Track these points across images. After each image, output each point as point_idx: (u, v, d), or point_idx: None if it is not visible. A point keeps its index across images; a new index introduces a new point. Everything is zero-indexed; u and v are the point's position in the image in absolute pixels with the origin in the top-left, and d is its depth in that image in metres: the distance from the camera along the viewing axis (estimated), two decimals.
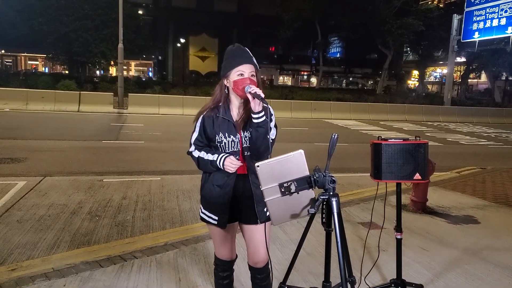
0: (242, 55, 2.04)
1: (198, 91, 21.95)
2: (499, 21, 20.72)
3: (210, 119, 2.07)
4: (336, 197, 1.81)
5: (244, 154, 2.05)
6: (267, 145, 1.96)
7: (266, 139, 1.93)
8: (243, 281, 2.94)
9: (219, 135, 2.05)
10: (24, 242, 3.55)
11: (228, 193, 2.06)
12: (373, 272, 3.07)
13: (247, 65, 2.01)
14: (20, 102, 15.67)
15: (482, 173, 7.47)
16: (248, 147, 2.04)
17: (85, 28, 23.78)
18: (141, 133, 11.22)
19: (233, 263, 2.32)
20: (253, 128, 1.96)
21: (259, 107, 1.92)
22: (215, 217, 2.12)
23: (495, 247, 3.85)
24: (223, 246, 2.23)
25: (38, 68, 42.04)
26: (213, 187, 2.09)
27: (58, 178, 5.84)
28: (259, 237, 2.11)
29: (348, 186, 6.09)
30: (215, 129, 2.06)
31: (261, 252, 2.14)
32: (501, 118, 21.65)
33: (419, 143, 2.59)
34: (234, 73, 2.01)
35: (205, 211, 2.17)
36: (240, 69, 2.00)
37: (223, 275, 2.30)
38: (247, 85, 1.95)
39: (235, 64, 2.01)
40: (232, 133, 2.04)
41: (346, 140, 11.47)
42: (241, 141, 2.05)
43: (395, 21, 27.16)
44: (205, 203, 2.16)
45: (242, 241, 2.42)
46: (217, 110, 2.09)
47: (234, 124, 2.05)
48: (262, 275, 2.22)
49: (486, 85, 40.44)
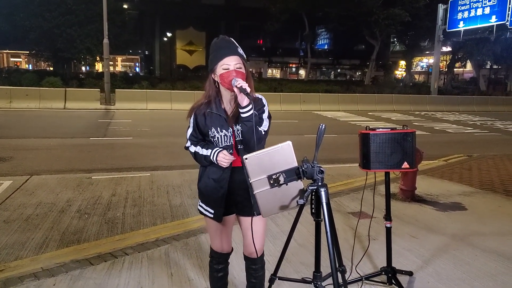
0: (226, 47, 1.99)
1: (186, 85, 21.79)
2: (483, 10, 20.98)
3: (202, 115, 2.06)
4: (325, 188, 1.82)
5: (238, 148, 2.04)
6: (258, 137, 1.95)
7: (256, 132, 1.92)
8: (236, 273, 2.94)
9: (211, 130, 2.04)
10: (11, 242, 3.50)
11: (223, 187, 2.05)
12: (363, 261, 3.10)
13: (232, 57, 1.97)
14: (3, 100, 15.36)
15: (469, 161, 7.60)
16: (241, 140, 2.03)
17: (68, 23, 23.31)
18: (129, 129, 11.11)
19: (228, 256, 2.32)
20: (242, 123, 1.95)
21: (245, 101, 1.90)
22: (211, 210, 2.13)
23: (481, 233, 3.93)
24: (219, 239, 2.24)
25: (21, 65, 41.12)
26: (209, 181, 2.09)
27: (45, 177, 5.75)
28: (256, 228, 2.12)
29: (338, 177, 6.13)
30: (207, 124, 2.04)
31: (257, 242, 2.16)
32: (486, 106, 22.02)
33: (407, 132, 2.61)
34: (220, 67, 1.97)
35: (202, 204, 2.18)
36: (225, 62, 1.97)
37: (218, 268, 2.30)
38: (234, 78, 1.92)
39: (219, 58, 1.98)
40: (224, 127, 2.03)
41: (335, 131, 11.53)
42: (234, 135, 2.04)
43: (382, 12, 27.26)
44: (202, 196, 2.17)
45: (234, 235, 2.42)
46: (208, 105, 2.07)
47: (226, 119, 2.03)
48: (257, 265, 2.23)
49: (471, 74, 40.97)
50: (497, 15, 20.27)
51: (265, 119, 2.06)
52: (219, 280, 2.33)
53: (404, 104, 20.72)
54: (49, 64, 30.79)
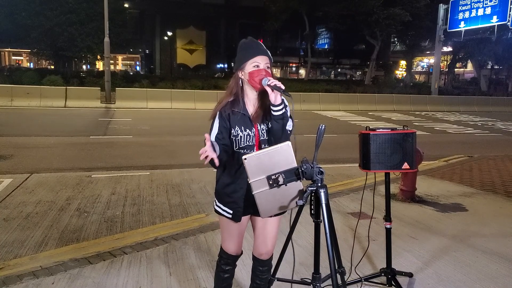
0: (256, 47, 2.02)
1: (187, 84, 21.77)
2: (484, 11, 20.95)
3: (226, 114, 2.04)
4: (324, 188, 1.81)
5: (262, 147, 2.01)
6: (286, 137, 1.96)
7: (285, 130, 1.93)
8: (237, 270, 2.93)
9: (234, 129, 2.02)
10: (11, 241, 3.49)
11: (243, 187, 2.03)
12: (363, 262, 3.09)
13: (262, 57, 1.99)
14: (5, 99, 15.36)
15: (469, 161, 7.58)
16: (265, 139, 2.02)
17: (70, 22, 23.33)
18: (130, 128, 11.10)
19: (237, 258, 2.30)
20: (274, 121, 1.94)
21: (279, 99, 1.90)
22: (229, 211, 2.10)
23: (482, 234, 3.91)
24: (232, 240, 2.22)
25: (22, 63, 41.14)
26: (228, 181, 2.07)
27: (45, 175, 5.74)
28: (269, 229, 2.13)
29: (338, 177, 6.12)
30: (231, 123, 2.02)
31: (268, 244, 2.16)
32: (487, 106, 21.98)
33: (407, 133, 2.60)
34: (250, 64, 1.99)
35: (220, 205, 2.14)
36: (256, 60, 1.98)
37: (225, 269, 2.28)
38: (264, 76, 1.93)
39: (250, 56, 1.99)
40: (248, 126, 2.01)
41: (335, 131, 11.52)
42: (258, 135, 2.03)
43: (382, 12, 27.23)
44: (220, 197, 2.13)
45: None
46: (232, 104, 2.05)
47: (250, 118, 2.02)
48: (264, 267, 2.24)
49: (472, 74, 40.91)
50: (498, 15, 20.25)
51: (289, 119, 2.05)
52: (224, 281, 2.32)
53: (404, 104, 20.69)
54: (50, 63, 30.80)
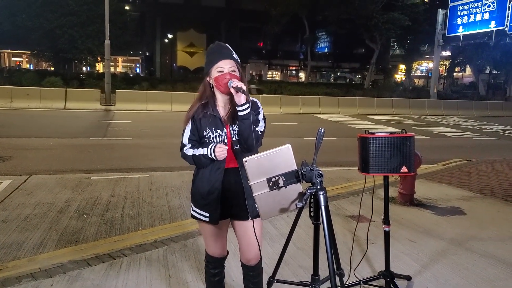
0: (220, 52, 2.07)
1: (187, 86, 21.79)
2: (482, 16, 21.06)
3: (198, 118, 2.09)
4: (324, 191, 1.82)
5: (234, 148, 2.06)
6: (256, 137, 1.98)
7: (253, 131, 1.95)
8: (234, 276, 2.94)
9: (206, 131, 2.07)
10: (9, 242, 3.49)
11: (217, 188, 2.05)
12: (362, 265, 3.10)
13: (225, 61, 2.03)
14: (4, 100, 15.35)
15: (468, 165, 7.60)
16: (237, 140, 2.05)
17: (70, 24, 23.40)
18: (129, 130, 11.11)
19: (224, 260, 2.32)
20: (239, 121, 1.98)
21: (242, 99, 1.94)
22: (206, 214, 2.12)
23: (480, 237, 3.92)
24: (214, 244, 2.22)
25: (22, 65, 41.14)
26: (203, 183, 2.09)
27: (44, 177, 5.74)
28: (251, 234, 2.09)
29: (337, 180, 6.14)
30: (202, 125, 2.08)
31: (253, 249, 2.14)
32: (486, 111, 22.04)
33: (405, 136, 2.62)
34: (214, 70, 2.04)
35: (196, 209, 2.16)
36: (219, 65, 2.03)
37: (214, 272, 2.29)
38: (228, 80, 1.98)
39: (214, 61, 2.05)
40: (219, 127, 2.06)
41: (335, 134, 11.54)
42: (229, 135, 2.06)
43: (382, 16, 27.34)
44: (196, 200, 2.15)
45: (232, 237, 2.42)
46: (203, 107, 2.11)
47: (221, 119, 2.07)
48: (255, 272, 2.23)
49: (471, 78, 41.02)
50: (496, 20, 20.35)
51: (261, 120, 2.10)
52: (216, 284, 2.33)
53: (403, 108, 20.74)
54: (50, 64, 30.84)
